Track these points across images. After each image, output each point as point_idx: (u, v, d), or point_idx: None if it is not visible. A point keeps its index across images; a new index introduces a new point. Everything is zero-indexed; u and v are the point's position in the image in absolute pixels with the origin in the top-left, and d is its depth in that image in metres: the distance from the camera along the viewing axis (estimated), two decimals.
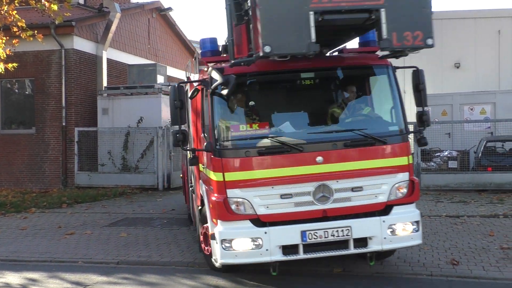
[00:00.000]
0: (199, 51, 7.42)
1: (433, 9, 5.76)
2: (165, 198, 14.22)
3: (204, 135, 6.73)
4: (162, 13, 22.78)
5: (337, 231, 5.91)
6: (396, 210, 6.07)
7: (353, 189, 6.00)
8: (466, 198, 12.42)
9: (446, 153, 15.45)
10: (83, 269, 7.35)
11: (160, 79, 18.41)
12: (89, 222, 10.72)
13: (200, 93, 6.94)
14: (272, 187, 5.92)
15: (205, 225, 6.59)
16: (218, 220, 5.99)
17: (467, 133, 16.37)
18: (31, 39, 13.88)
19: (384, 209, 6.05)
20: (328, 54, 6.86)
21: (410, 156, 6.41)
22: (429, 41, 5.59)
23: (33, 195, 14.80)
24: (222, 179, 5.95)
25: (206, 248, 6.68)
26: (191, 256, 7.64)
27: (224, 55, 6.87)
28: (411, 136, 6.53)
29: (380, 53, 6.39)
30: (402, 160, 6.22)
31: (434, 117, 19.19)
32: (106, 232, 9.66)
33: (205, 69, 7.08)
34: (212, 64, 6.69)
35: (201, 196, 6.92)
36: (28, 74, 17.22)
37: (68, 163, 16.86)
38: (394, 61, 6.53)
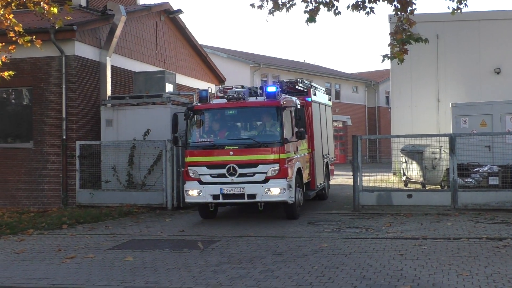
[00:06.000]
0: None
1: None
2: (174, 218, 14.23)
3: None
4: (171, 16, 22.95)
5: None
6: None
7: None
8: (510, 218, 12.26)
9: (485, 168, 15.28)
10: None
11: (169, 87, 18.48)
12: (91, 245, 10.76)
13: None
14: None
15: None
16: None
17: (510, 146, 16.17)
18: (29, 45, 14.08)
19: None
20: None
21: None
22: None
23: (30, 215, 14.87)
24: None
25: None
26: (203, 282, 7.62)
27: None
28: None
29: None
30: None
31: (472, 128, 19.06)
32: (110, 256, 9.68)
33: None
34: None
35: None
36: (25, 83, 17.42)
37: (69, 179, 16.95)
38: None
